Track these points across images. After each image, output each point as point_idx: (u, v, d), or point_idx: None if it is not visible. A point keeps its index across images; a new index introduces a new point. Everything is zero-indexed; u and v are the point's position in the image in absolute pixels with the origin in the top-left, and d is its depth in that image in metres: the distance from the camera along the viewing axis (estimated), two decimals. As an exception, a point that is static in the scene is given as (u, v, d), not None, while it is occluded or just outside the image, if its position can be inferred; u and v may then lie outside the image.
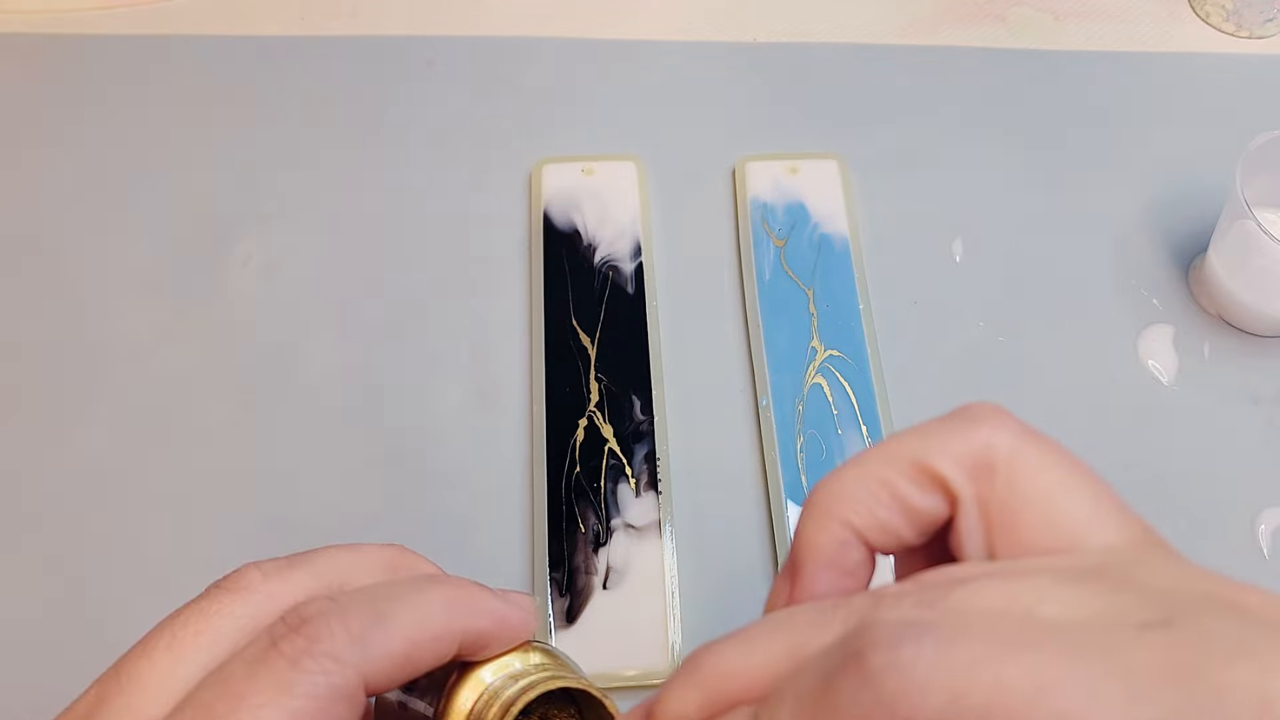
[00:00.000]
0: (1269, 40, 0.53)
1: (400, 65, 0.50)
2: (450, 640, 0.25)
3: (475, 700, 0.25)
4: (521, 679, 0.25)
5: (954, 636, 0.17)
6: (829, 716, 0.18)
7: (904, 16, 0.53)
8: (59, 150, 0.47)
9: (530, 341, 0.42)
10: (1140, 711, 0.16)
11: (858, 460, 0.22)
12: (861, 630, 0.18)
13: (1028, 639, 0.17)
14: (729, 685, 0.20)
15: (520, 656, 0.26)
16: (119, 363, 0.42)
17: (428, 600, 0.24)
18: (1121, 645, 0.17)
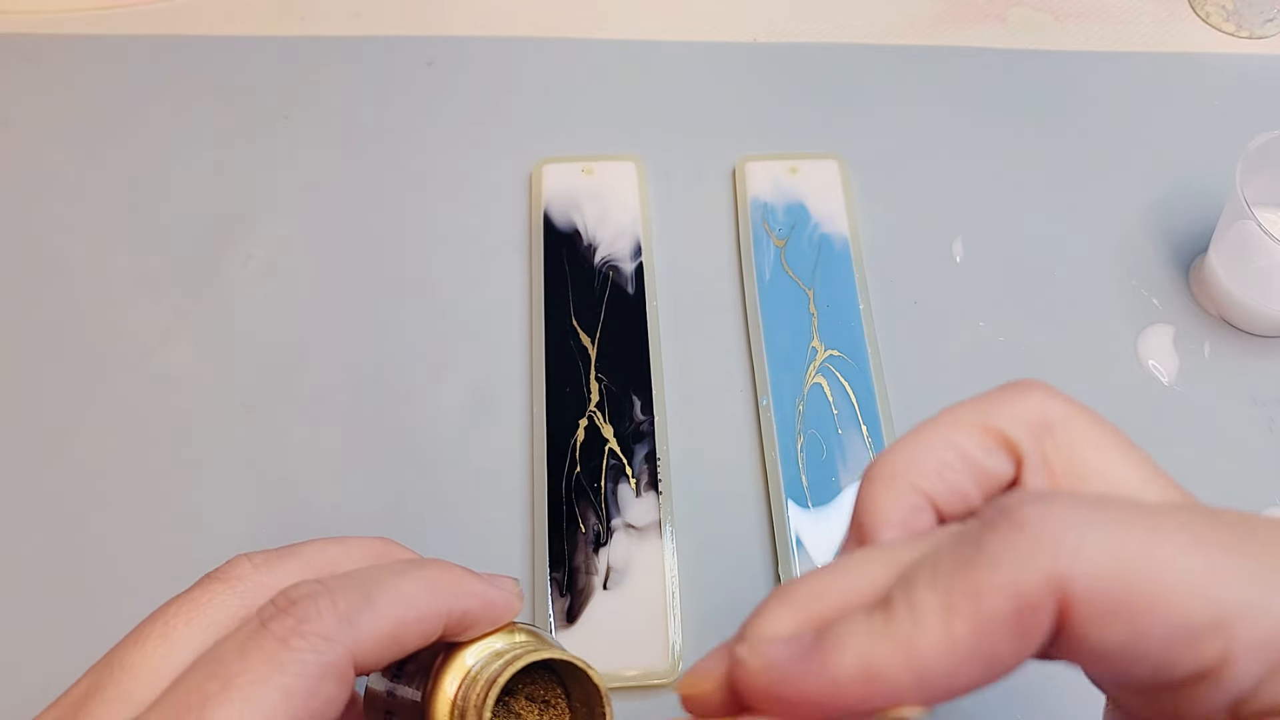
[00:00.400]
0: (1269, 40, 0.53)
1: (400, 65, 0.50)
2: (435, 620, 0.25)
3: (461, 680, 0.25)
4: (505, 655, 0.25)
5: (1100, 503, 0.18)
6: (975, 576, 0.17)
7: (904, 16, 0.53)
8: (59, 150, 0.47)
9: (530, 342, 0.42)
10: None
11: (922, 428, 0.22)
12: (1004, 501, 0.18)
13: (1165, 522, 0.18)
14: (826, 604, 0.20)
15: (504, 637, 0.26)
16: (119, 362, 0.42)
17: (413, 582, 0.25)
18: (1247, 541, 0.18)
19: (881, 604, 0.18)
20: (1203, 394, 0.42)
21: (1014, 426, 0.22)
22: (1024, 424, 0.22)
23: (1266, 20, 0.52)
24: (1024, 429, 0.22)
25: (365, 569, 0.25)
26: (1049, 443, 0.22)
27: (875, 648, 0.18)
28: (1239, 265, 0.42)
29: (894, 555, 0.19)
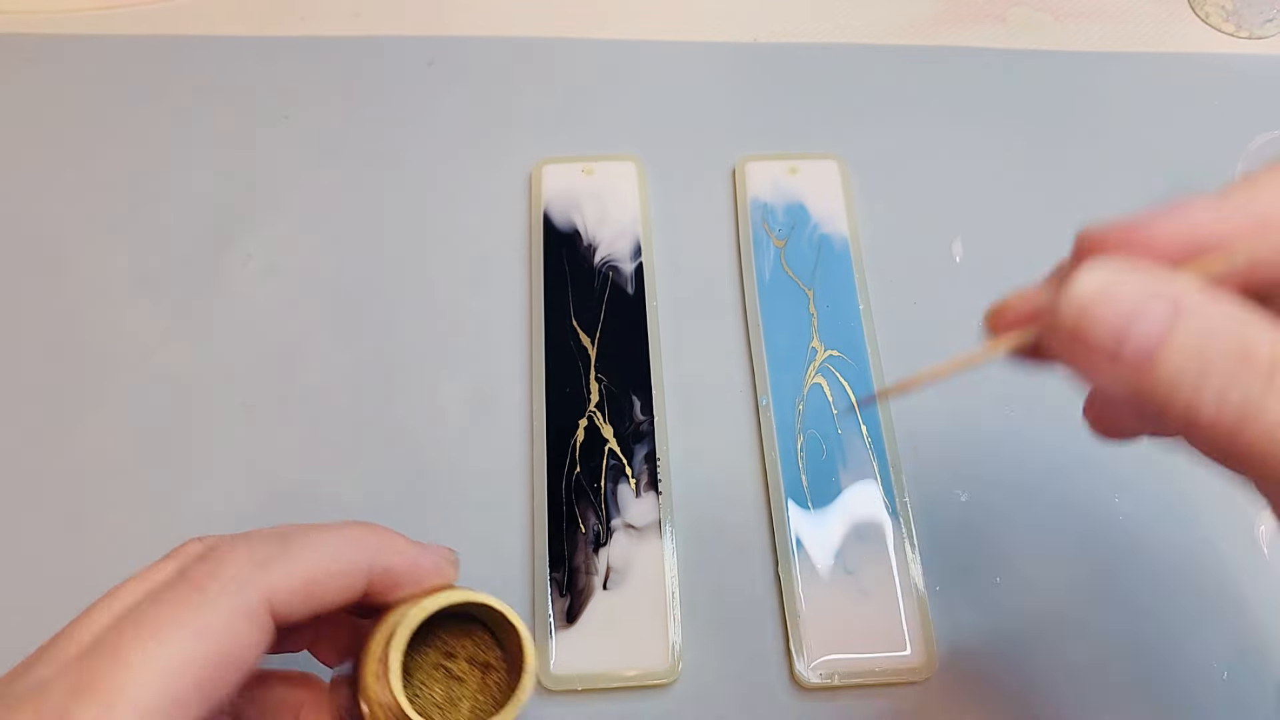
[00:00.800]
0: (1269, 40, 0.53)
1: (400, 65, 0.50)
2: (357, 574, 0.26)
3: (387, 632, 0.25)
4: (422, 603, 0.26)
5: None
6: None
7: (904, 16, 0.53)
8: (59, 150, 0.47)
9: (530, 341, 0.42)
10: None
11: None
12: None
13: None
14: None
15: (434, 597, 0.26)
16: (119, 363, 0.42)
17: (336, 535, 0.26)
18: None
19: None
20: (1203, 394, 0.42)
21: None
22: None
23: (1266, 20, 0.52)
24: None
25: (293, 525, 0.26)
26: None
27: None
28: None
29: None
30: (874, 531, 0.38)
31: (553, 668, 0.35)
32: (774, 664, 0.36)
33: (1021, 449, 0.41)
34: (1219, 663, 0.37)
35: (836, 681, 0.35)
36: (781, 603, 0.37)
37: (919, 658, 0.36)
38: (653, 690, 0.36)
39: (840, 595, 0.37)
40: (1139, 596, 0.38)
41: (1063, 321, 0.21)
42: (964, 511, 0.39)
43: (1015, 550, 0.39)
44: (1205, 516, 0.39)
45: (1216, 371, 0.20)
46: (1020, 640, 0.37)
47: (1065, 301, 0.21)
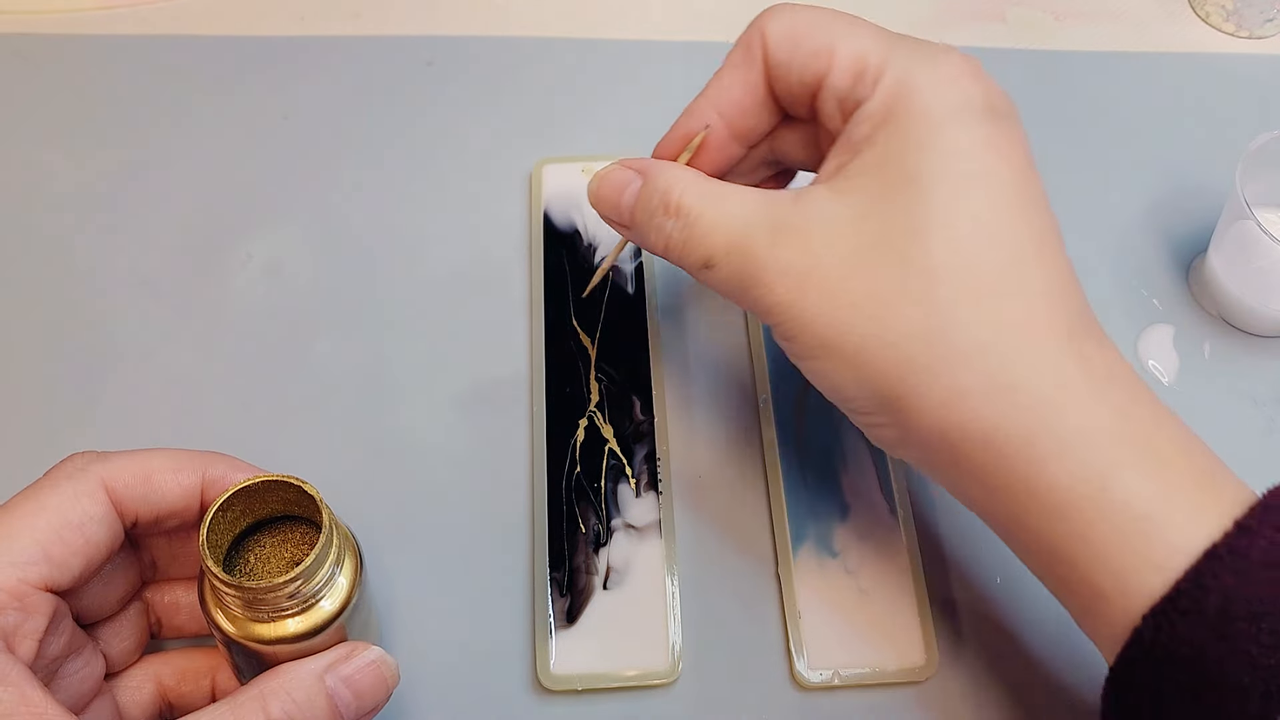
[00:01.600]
0: (1269, 40, 0.53)
1: (400, 65, 0.50)
2: (192, 470, 0.30)
3: (207, 520, 0.28)
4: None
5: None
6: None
7: (904, 16, 0.53)
8: (59, 150, 0.47)
9: (530, 341, 0.42)
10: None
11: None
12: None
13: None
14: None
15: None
16: (118, 363, 0.42)
17: (179, 450, 0.31)
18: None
19: None
20: (1203, 394, 0.42)
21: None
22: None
23: (1266, 20, 0.52)
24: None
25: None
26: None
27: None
28: (1239, 265, 0.42)
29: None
30: (874, 531, 0.38)
31: (553, 668, 0.35)
32: (774, 664, 0.36)
33: (1021, 449, 0.41)
34: (1219, 663, 0.37)
35: (836, 681, 0.35)
36: (781, 603, 0.37)
37: (919, 658, 0.36)
38: (653, 690, 0.36)
39: (840, 595, 0.37)
40: (1139, 596, 0.38)
41: (591, 201, 0.34)
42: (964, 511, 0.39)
43: (1015, 550, 0.39)
44: (1205, 516, 0.39)
45: (652, 216, 0.32)
46: (1020, 640, 0.37)
47: (588, 190, 0.34)
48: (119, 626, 0.32)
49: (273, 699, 0.28)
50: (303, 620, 0.29)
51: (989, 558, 0.38)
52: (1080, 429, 0.27)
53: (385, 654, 0.30)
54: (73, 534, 0.28)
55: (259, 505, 0.30)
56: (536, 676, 0.35)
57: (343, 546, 0.30)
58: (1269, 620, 0.25)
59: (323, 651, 0.30)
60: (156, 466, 0.30)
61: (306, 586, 0.29)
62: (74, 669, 0.30)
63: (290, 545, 0.31)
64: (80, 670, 0.30)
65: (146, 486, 0.30)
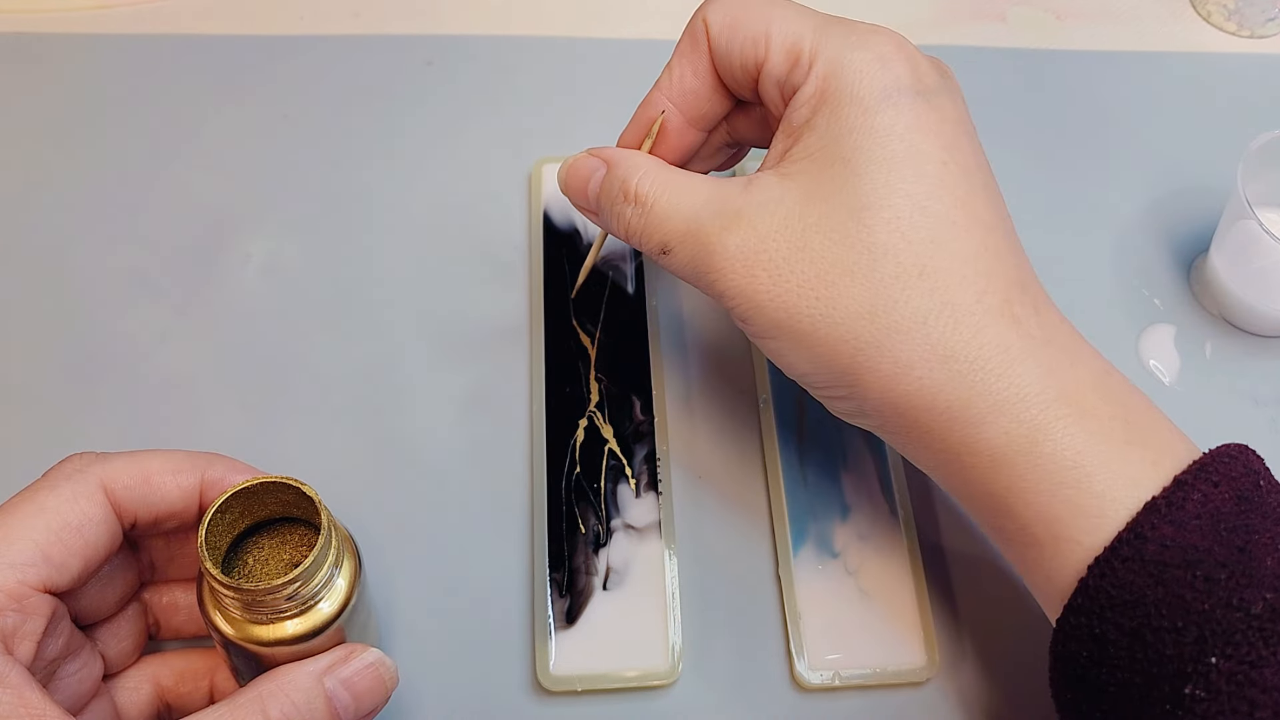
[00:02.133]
0: (1270, 40, 0.53)
1: (400, 65, 0.50)
2: (191, 472, 0.30)
3: (205, 523, 0.29)
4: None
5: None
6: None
7: (904, 16, 0.53)
8: (59, 150, 0.47)
9: (530, 341, 0.42)
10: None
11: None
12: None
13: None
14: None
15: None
16: (118, 363, 0.42)
17: (176, 451, 0.31)
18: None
19: None
20: (1204, 394, 0.42)
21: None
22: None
23: (1268, 20, 0.52)
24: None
25: None
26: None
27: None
28: (1240, 265, 0.41)
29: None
30: (874, 531, 0.38)
31: (553, 668, 0.35)
32: (774, 664, 0.36)
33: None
34: (1220, 663, 0.37)
35: (836, 682, 0.35)
36: (781, 603, 0.37)
37: (919, 658, 0.36)
38: (653, 690, 0.36)
39: (840, 595, 0.37)
40: (1140, 597, 0.38)
41: (560, 189, 0.36)
42: (964, 511, 0.39)
43: (1016, 550, 0.38)
44: (1206, 517, 0.39)
45: (614, 203, 0.33)
46: (1020, 640, 0.37)
47: (557, 178, 0.36)
48: (117, 628, 0.32)
49: (271, 700, 0.28)
50: (301, 622, 0.29)
51: (989, 558, 0.38)
52: (1013, 389, 0.29)
53: (384, 656, 0.31)
54: (71, 536, 0.28)
55: (257, 507, 0.30)
56: (536, 677, 0.35)
57: (341, 548, 0.30)
58: (1202, 567, 0.27)
59: (321, 653, 0.30)
60: (155, 468, 0.30)
61: (305, 588, 0.29)
62: (72, 670, 0.30)
63: (289, 547, 0.31)
64: (78, 671, 0.30)
65: (145, 488, 0.30)
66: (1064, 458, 0.28)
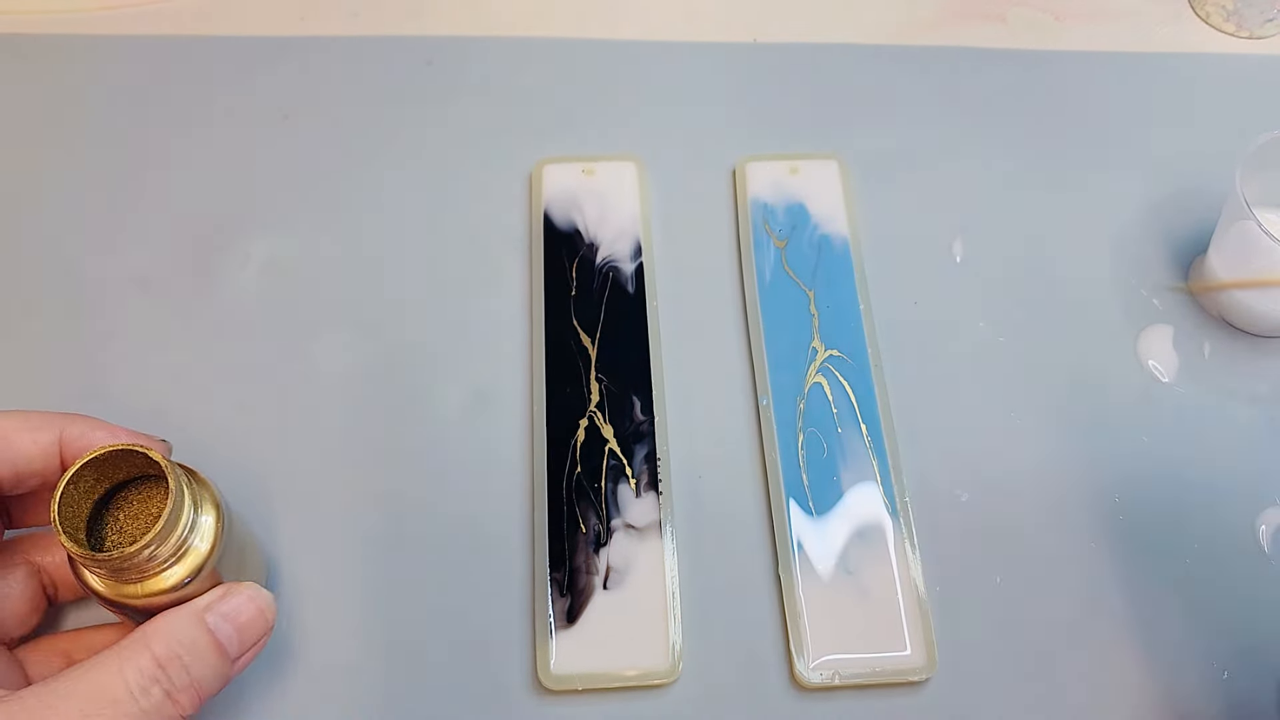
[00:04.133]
0: (1269, 40, 0.53)
1: (400, 65, 0.50)
2: (49, 429, 0.31)
3: (57, 497, 0.29)
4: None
5: None
6: None
7: (904, 16, 0.53)
8: (59, 150, 0.47)
9: (530, 341, 0.42)
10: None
11: None
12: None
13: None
14: None
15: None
16: (118, 363, 0.42)
17: (32, 410, 0.31)
18: None
19: None
20: (1203, 394, 0.42)
21: None
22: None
23: (1266, 20, 0.52)
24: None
25: None
26: None
27: None
28: (1239, 265, 0.42)
29: None
30: (874, 531, 0.38)
31: (553, 668, 0.35)
32: (774, 664, 0.36)
33: (1021, 449, 0.41)
34: (1219, 663, 0.37)
35: (836, 681, 0.35)
36: (781, 603, 0.37)
37: (919, 658, 0.36)
38: (653, 690, 0.36)
39: (840, 595, 0.37)
40: (1139, 596, 0.38)
41: None
42: (964, 511, 0.39)
43: (1015, 550, 0.39)
44: (1205, 516, 0.39)
45: None
46: (1020, 640, 0.37)
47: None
48: (5, 590, 0.33)
49: (156, 639, 0.29)
50: (171, 575, 0.30)
51: (989, 558, 0.38)
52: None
53: (260, 588, 0.32)
54: None
55: (113, 471, 0.31)
56: (536, 676, 0.35)
57: (199, 499, 0.31)
58: None
59: (200, 595, 0.31)
60: (11, 426, 0.30)
61: (164, 548, 0.29)
62: None
63: (156, 500, 0.31)
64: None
65: (2, 445, 0.30)
66: None
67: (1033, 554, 0.38)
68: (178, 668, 0.29)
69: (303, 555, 0.38)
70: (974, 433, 0.41)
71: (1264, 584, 0.38)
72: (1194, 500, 0.40)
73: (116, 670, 0.28)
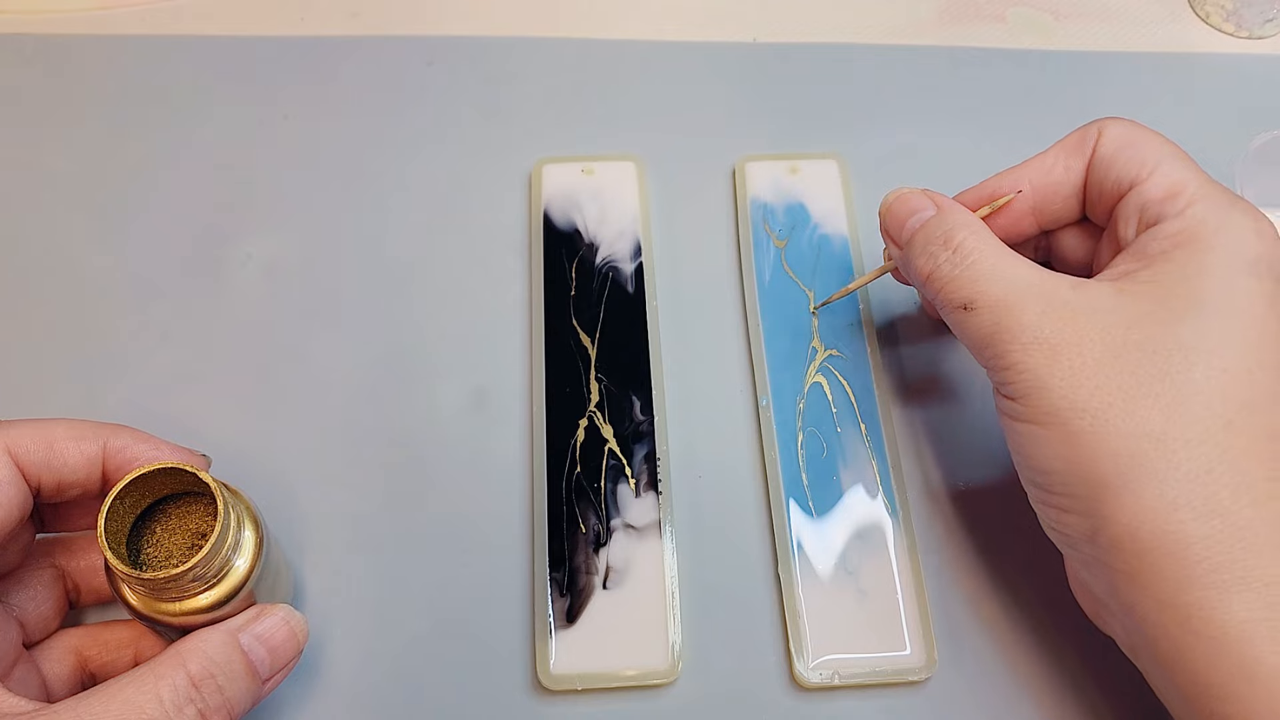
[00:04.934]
0: (1269, 40, 0.53)
1: (400, 65, 0.50)
2: (93, 440, 0.31)
3: (103, 513, 0.29)
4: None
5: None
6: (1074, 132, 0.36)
7: (904, 16, 0.53)
8: (59, 150, 0.47)
9: (530, 341, 0.42)
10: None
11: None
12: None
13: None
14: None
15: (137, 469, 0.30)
16: (119, 362, 0.42)
17: (76, 418, 0.31)
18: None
19: None
20: (1203, 394, 0.42)
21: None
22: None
23: (1266, 20, 0.52)
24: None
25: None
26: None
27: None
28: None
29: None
30: (874, 531, 0.38)
31: (553, 668, 0.35)
32: (774, 664, 0.36)
33: (1021, 449, 0.41)
34: (1219, 663, 0.37)
35: (836, 681, 0.35)
36: (781, 603, 0.37)
37: (919, 658, 0.36)
38: (653, 690, 0.36)
39: (840, 595, 0.37)
40: (1139, 596, 0.38)
41: (881, 211, 0.37)
42: (964, 511, 0.39)
43: (1015, 550, 0.39)
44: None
45: (929, 244, 0.34)
46: (1020, 640, 0.37)
47: (882, 202, 0.37)
48: (33, 593, 0.33)
49: (191, 658, 0.29)
50: (208, 595, 0.30)
51: (989, 558, 0.38)
52: (1272, 572, 0.27)
53: (293, 610, 0.32)
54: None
55: (158, 486, 0.31)
56: (536, 676, 0.35)
57: (241, 520, 0.31)
58: None
59: (235, 615, 0.31)
60: (59, 435, 0.31)
61: (207, 569, 0.30)
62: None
63: (194, 517, 0.31)
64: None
65: (49, 453, 0.30)
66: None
67: (1032, 554, 0.38)
68: (212, 688, 0.29)
69: (301, 554, 0.38)
70: (974, 433, 0.41)
71: (1264, 584, 0.38)
72: (1194, 500, 0.40)
73: (151, 688, 0.28)
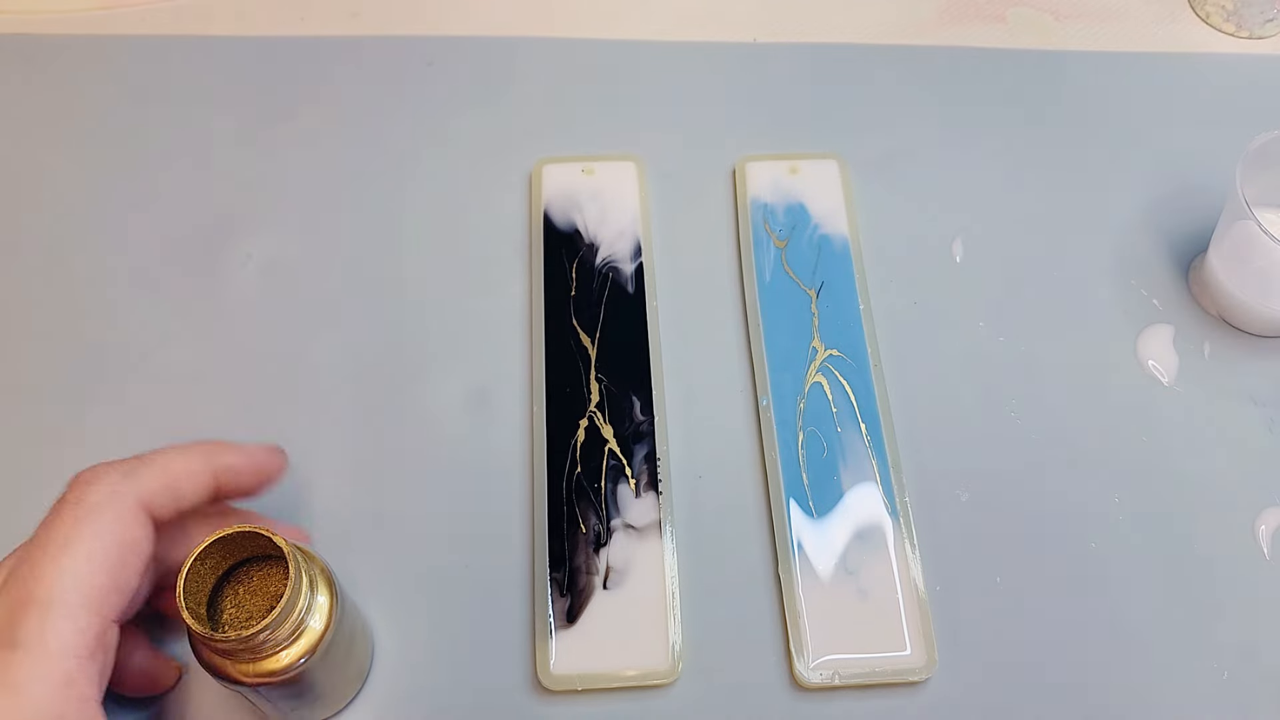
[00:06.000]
0: (1269, 40, 0.53)
1: (400, 65, 0.50)
2: (205, 473, 0.31)
3: (183, 576, 0.29)
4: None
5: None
6: None
7: (904, 16, 0.53)
8: (59, 150, 0.47)
9: (530, 341, 0.42)
10: None
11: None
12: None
13: None
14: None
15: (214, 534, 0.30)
16: (119, 362, 0.42)
17: (184, 446, 0.32)
18: None
19: None
20: (1203, 394, 0.42)
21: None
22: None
23: (1266, 20, 0.52)
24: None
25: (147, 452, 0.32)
26: None
27: None
28: (1239, 265, 0.42)
29: None
30: (874, 531, 0.38)
31: (553, 668, 0.35)
32: (774, 664, 0.36)
33: (1021, 449, 0.41)
34: (1219, 663, 0.37)
35: (836, 681, 0.35)
36: (781, 603, 0.37)
37: (919, 658, 0.36)
38: (653, 690, 0.36)
39: (840, 595, 0.37)
40: (1139, 596, 0.38)
41: None
42: (964, 511, 0.39)
43: (1015, 550, 0.39)
44: (1205, 516, 0.39)
45: None
46: (1020, 640, 0.37)
47: None
48: (137, 660, 0.34)
49: None
50: (285, 655, 0.30)
51: (989, 558, 0.38)
52: None
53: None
54: (131, 559, 0.29)
55: (237, 549, 0.31)
56: (536, 676, 0.35)
57: (314, 584, 0.31)
58: None
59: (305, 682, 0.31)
60: (177, 473, 0.31)
61: (279, 632, 0.29)
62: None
63: (276, 579, 0.31)
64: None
65: (174, 496, 0.31)
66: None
67: (1033, 554, 0.39)
68: None
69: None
70: (974, 433, 0.41)
71: (1264, 584, 0.38)
72: (1194, 500, 0.40)
73: None
